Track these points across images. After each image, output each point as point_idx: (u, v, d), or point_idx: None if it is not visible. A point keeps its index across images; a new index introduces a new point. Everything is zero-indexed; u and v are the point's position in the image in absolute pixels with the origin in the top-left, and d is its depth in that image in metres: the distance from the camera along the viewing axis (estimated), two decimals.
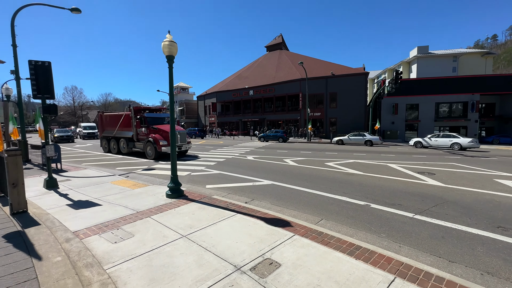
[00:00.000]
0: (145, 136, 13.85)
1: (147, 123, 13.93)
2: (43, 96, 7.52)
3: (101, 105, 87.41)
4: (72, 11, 12.31)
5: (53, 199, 6.06)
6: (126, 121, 14.97)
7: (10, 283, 2.50)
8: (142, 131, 14.05)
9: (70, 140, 28.19)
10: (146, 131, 13.87)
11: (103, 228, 4.22)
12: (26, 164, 11.41)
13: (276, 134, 27.99)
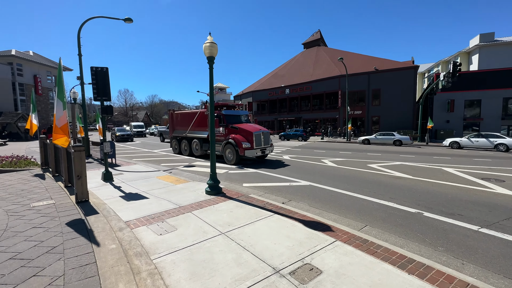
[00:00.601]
0: (223, 136, 12.04)
1: (225, 122, 12.04)
2: (102, 98, 8.39)
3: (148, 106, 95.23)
4: (125, 21, 13.60)
5: (109, 190, 6.74)
6: (200, 119, 13.28)
7: (75, 264, 2.82)
8: (219, 132, 12.23)
9: (129, 139, 28.27)
10: (224, 131, 12.04)
11: (150, 220, 4.53)
12: (88, 159, 12.98)
13: (296, 133, 28.88)
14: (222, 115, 12.17)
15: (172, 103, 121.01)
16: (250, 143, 11.16)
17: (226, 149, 11.84)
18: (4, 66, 36.53)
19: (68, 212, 4.63)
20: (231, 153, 11.61)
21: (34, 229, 3.83)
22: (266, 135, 11.93)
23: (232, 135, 11.65)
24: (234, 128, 11.90)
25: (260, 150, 11.48)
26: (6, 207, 4.92)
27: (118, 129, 30.45)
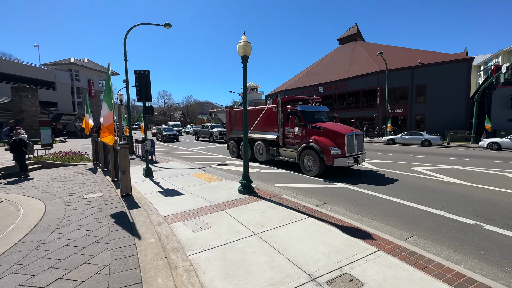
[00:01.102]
0: (299, 139, 9.61)
1: (303, 120, 9.59)
2: (144, 99, 9.00)
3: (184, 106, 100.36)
4: (165, 26, 14.43)
5: (149, 185, 7.18)
6: (268, 117, 10.89)
7: (119, 255, 3.01)
8: (294, 132, 9.77)
9: (175, 139, 26.21)
10: (301, 132, 9.55)
11: (185, 216, 4.68)
12: (131, 156, 14.08)
13: None
14: (298, 112, 9.72)
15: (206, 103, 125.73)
16: (340, 148, 8.50)
17: (304, 155, 9.14)
18: (65, 73, 41.63)
19: (114, 204, 5.02)
20: (312, 161, 8.85)
21: (86, 219, 4.22)
22: (360, 138, 9.19)
23: (313, 138, 9.01)
24: (315, 128, 9.22)
25: (353, 158, 8.71)
26: (64, 198, 5.53)
27: (165, 128, 28.33)
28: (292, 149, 9.85)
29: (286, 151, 10.15)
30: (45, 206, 4.88)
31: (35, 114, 26.94)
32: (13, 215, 4.46)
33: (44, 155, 11.44)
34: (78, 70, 43.46)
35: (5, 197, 5.62)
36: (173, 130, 27.89)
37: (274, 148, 10.65)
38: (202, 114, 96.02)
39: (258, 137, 11.53)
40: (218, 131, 23.62)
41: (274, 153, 10.69)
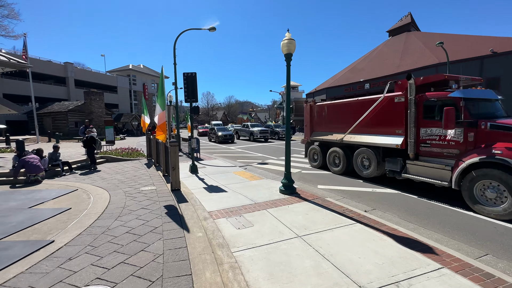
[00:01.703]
0: (456, 147, 5.70)
1: (467, 115, 5.55)
2: (191, 100, 9.56)
3: (226, 106, 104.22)
4: (210, 30, 15.15)
5: (194, 181, 7.60)
6: (382, 111, 7.44)
7: (171, 246, 3.23)
8: (444, 136, 5.92)
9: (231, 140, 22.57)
10: (463, 134, 5.57)
11: (229, 213, 4.81)
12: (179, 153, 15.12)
13: None
14: (458, 101, 5.66)
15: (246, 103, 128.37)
16: None
17: (479, 180, 5.10)
18: (124, 78, 46.94)
19: (165, 198, 5.44)
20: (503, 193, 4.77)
21: (142, 210, 4.65)
22: None
23: (501, 146, 4.90)
24: (503, 128, 5.15)
25: None
26: (124, 189, 6.21)
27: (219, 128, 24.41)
28: (439, 165, 5.95)
29: (424, 166, 6.21)
30: (109, 196, 5.55)
31: (101, 115, 30.98)
32: (85, 202, 5.17)
33: (108, 150, 13.06)
34: (135, 75, 48.60)
35: (79, 186, 6.57)
36: (229, 130, 24.70)
37: (397, 160, 6.84)
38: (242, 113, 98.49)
39: (361, 141, 7.93)
40: (258, 130, 23.98)
41: (395, 168, 6.87)
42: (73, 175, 8.27)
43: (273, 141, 24.01)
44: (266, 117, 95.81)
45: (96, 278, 2.51)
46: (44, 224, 4.07)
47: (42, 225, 4.01)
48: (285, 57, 6.08)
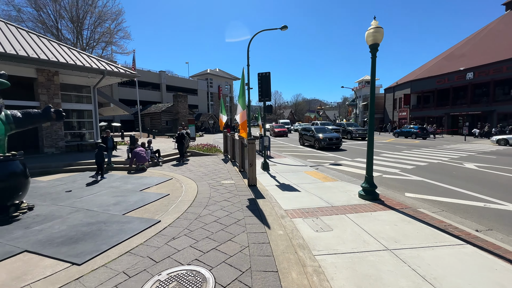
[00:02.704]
0: None
1: None
2: (264, 99, 9.83)
3: (292, 104, 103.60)
4: (281, 29, 15.25)
5: (267, 178, 7.80)
6: None
7: (254, 240, 3.39)
8: None
9: (337, 146, 16.25)
10: None
11: (304, 214, 4.71)
12: None
13: (410, 130, 26.61)
14: None
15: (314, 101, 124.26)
16: None
17: None
18: (203, 81, 52.53)
19: (244, 192, 5.78)
20: None
21: (225, 202, 5.07)
22: None
23: None
24: None
25: None
26: (208, 181, 6.94)
27: (318, 128, 17.77)
28: None
29: None
30: (197, 186, 6.29)
31: (185, 115, 35.65)
32: (179, 190, 6.02)
33: (191, 146, 14.91)
34: (212, 78, 53.80)
35: (173, 176, 7.71)
36: (334, 132, 17.88)
37: None
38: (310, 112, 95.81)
39: None
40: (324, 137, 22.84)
41: None
42: (168, 165, 9.78)
43: (345, 140, 22.44)
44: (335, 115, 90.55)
45: (195, 259, 2.86)
46: (152, 205, 4.94)
47: (150, 206, 4.88)
48: (370, 48, 5.51)
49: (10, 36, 10.97)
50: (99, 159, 7.75)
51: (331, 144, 16.03)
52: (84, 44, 31.78)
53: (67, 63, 11.16)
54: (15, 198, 4.52)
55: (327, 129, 18.68)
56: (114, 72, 12.87)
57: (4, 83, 4.56)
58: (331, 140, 16.05)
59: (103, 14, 32.87)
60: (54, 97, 11.89)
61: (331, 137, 16.19)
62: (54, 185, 6.83)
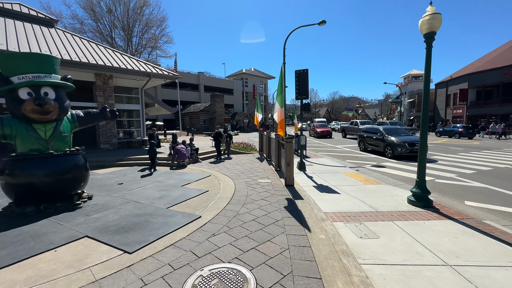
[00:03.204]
0: None
1: None
2: (302, 97, 9.58)
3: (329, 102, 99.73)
4: (319, 24, 14.67)
5: (303, 178, 7.56)
6: None
7: (294, 243, 3.27)
8: None
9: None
10: None
11: (346, 218, 4.43)
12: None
13: (454, 130, 24.59)
14: None
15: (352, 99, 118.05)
16: None
17: None
18: (238, 81, 53.60)
19: (281, 192, 5.68)
20: None
21: (262, 201, 5.04)
22: None
23: None
24: None
25: None
26: (244, 179, 7.00)
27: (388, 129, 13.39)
28: None
29: None
30: (234, 184, 6.39)
31: (222, 114, 36.79)
32: (217, 187, 6.17)
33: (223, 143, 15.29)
34: (247, 78, 54.60)
35: (211, 173, 7.97)
36: (412, 135, 13.74)
37: None
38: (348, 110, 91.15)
39: None
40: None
41: None
42: (206, 163, 10.15)
43: None
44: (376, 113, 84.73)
45: (235, 257, 2.86)
46: (192, 201, 5.14)
47: (191, 202, 5.08)
48: (425, 38, 4.94)
49: (75, 45, 12.50)
50: (152, 154, 8.71)
51: (413, 152, 11.12)
52: (133, 50, 34.88)
53: (119, 67, 12.32)
54: (77, 188, 5.10)
55: (400, 130, 13.73)
56: (158, 74, 13.82)
57: (70, 86, 5.17)
58: (413, 145, 11.28)
59: (149, 21, 35.68)
60: (109, 99, 13.23)
61: (412, 141, 11.48)
62: (109, 178, 7.58)
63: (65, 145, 5.06)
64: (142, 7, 34.73)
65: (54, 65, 4.95)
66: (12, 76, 4.50)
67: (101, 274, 2.57)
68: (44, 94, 4.64)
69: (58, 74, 5.03)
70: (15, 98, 4.48)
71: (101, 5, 32.60)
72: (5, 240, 3.45)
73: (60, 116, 4.95)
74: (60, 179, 4.69)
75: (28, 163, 4.49)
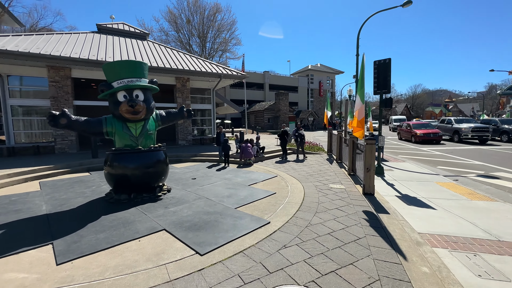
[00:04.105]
0: None
1: None
2: (382, 91, 8.31)
3: (409, 97, 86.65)
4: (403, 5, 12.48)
5: (383, 186, 6.46)
6: None
7: (386, 273, 2.61)
8: None
9: None
10: None
11: (451, 244, 3.41)
12: None
13: None
14: None
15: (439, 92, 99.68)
16: None
17: None
18: (304, 78, 52.11)
19: (359, 202, 4.90)
20: None
21: (337, 211, 4.42)
22: None
23: None
24: None
25: None
26: (314, 183, 6.44)
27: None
28: None
29: None
30: (303, 188, 5.92)
31: (286, 112, 36.48)
32: (285, 190, 5.84)
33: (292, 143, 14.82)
34: (313, 74, 52.56)
35: (277, 173, 7.70)
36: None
37: None
38: (433, 105, 77.15)
39: None
40: (469, 128, 16.93)
41: None
42: (271, 162, 10.00)
43: (498, 143, 16.39)
44: (473, 109, 68.93)
45: (312, 281, 2.44)
46: (260, 203, 4.95)
47: (259, 204, 4.89)
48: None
49: (161, 53, 14.34)
50: (226, 151, 9.24)
51: None
52: (207, 54, 38.16)
53: (195, 70, 13.48)
54: (159, 181, 5.63)
55: None
56: (228, 75, 14.51)
57: (155, 89, 5.73)
58: None
59: (221, 26, 38.36)
60: (186, 99, 14.65)
61: None
62: (184, 172, 8.25)
63: (151, 142, 5.64)
64: (215, 13, 37.61)
65: (144, 70, 5.55)
66: (113, 82, 5.24)
67: (174, 274, 2.57)
68: (135, 97, 5.25)
69: (147, 78, 5.62)
70: (115, 100, 5.20)
71: (182, 17, 36.88)
72: (104, 223, 3.99)
73: (147, 116, 5.54)
74: (146, 172, 5.24)
75: (123, 157, 5.17)
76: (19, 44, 10.32)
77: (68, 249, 3.15)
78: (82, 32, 14.05)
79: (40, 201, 5.34)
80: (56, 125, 4.70)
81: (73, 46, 11.74)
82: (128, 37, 15.47)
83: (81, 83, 13.82)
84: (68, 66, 11.26)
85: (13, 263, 2.88)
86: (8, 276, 2.61)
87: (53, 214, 4.53)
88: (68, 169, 8.52)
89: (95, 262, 2.86)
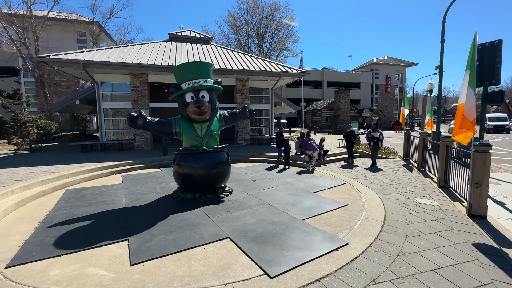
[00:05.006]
0: None
1: None
2: (486, 83, 6.59)
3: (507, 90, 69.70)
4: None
5: (490, 204, 4.96)
6: None
7: None
8: None
9: None
10: None
11: None
12: None
13: None
14: None
15: None
16: None
17: None
18: (367, 73, 47.46)
19: (465, 227, 3.76)
20: None
21: (436, 236, 3.45)
22: None
23: None
24: None
25: None
26: (394, 195, 5.37)
27: None
28: None
29: None
30: (381, 201, 4.97)
31: (347, 110, 33.78)
32: (358, 201, 5.02)
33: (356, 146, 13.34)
34: (378, 68, 47.39)
35: (345, 180, 6.82)
36: None
37: None
38: None
39: None
40: None
41: None
42: (335, 166, 9.06)
43: None
44: None
45: None
46: (330, 215, 4.31)
47: (329, 217, 4.25)
48: None
49: (222, 55, 14.84)
50: (287, 152, 9.05)
51: None
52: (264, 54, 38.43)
53: (255, 70, 13.45)
54: (222, 182, 5.56)
55: None
56: (287, 73, 14.01)
57: (220, 89, 5.68)
58: None
59: (278, 25, 38.06)
60: (245, 100, 14.80)
61: None
62: (244, 173, 8.15)
63: (215, 142, 5.62)
64: (274, 12, 37.53)
65: (209, 70, 5.56)
66: (182, 83, 5.39)
67: None
68: (201, 97, 5.28)
69: (212, 79, 5.62)
70: (183, 101, 5.33)
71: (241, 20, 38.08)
72: (172, 223, 4.05)
73: (212, 116, 5.53)
74: (210, 172, 5.22)
75: (189, 156, 5.26)
76: (110, 55, 12.09)
77: (141, 249, 3.22)
78: (157, 42, 15.71)
79: (121, 194, 5.92)
80: (134, 125, 5.07)
81: (149, 54, 13.17)
82: (194, 42, 16.61)
83: (155, 87, 15.45)
84: (145, 72, 12.69)
85: (96, 257, 3.07)
86: (91, 271, 2.76)
87: (130, 208, 4.90)
88: (143, 164, 9.47)
89: (164, 268, 2.80)
